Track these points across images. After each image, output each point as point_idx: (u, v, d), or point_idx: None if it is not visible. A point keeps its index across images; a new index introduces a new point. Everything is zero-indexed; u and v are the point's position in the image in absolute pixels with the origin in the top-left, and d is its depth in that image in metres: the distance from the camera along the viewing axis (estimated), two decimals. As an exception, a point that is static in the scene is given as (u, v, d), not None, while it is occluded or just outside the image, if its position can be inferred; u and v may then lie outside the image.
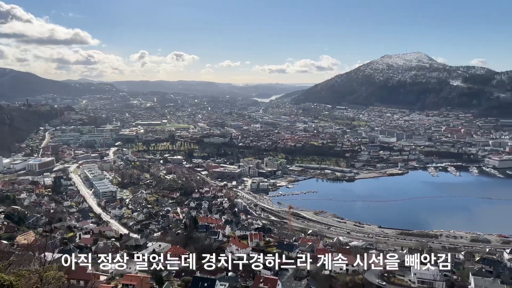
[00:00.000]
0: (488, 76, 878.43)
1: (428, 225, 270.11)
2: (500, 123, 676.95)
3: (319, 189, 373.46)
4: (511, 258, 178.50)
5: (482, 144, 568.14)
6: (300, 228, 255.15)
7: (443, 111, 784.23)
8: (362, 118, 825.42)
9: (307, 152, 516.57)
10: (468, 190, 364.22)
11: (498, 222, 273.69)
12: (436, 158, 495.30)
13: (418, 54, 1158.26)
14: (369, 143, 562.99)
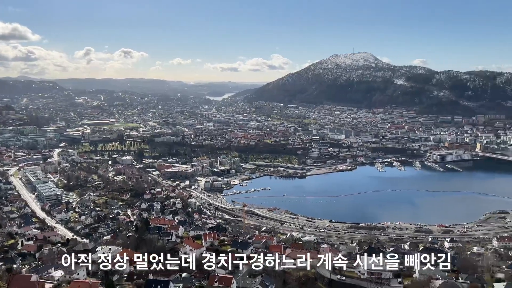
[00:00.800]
0: (428, 75, 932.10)
1: (376, 218, 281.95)
2: (440, 119, 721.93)
3: (273, 186, 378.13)
4: (451, 247, 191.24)
5: (424, 140, 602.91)
6: (254, 225, 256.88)
7: (388, 108, 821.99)
8: (312, 116, 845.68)
9: (260, 150, 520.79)
10: (412, 183, 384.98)
11: (439, 213, 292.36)
12: (382, 154, 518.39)
13: (365, 54, 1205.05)
14: (320, 140, 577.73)
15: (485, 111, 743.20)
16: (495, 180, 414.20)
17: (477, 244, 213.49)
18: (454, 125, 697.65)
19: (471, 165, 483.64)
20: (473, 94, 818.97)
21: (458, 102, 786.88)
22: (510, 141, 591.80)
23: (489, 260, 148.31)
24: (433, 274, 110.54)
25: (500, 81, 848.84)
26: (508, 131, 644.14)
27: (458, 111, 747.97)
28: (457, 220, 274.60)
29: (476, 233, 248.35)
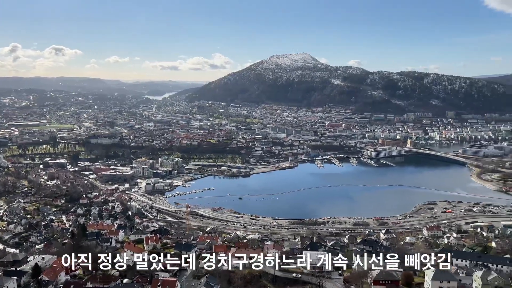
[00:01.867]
0: (363, 75, 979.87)
1: (316, 214, 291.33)
2: (374, 118, 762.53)
3: (216, 186, 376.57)
4: (386, 238, 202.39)
5: (360, 137, 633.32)
6: (198, 226, 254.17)
7: (326, 108, 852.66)
8: (255, 116, 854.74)
9: (203, 150, 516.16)
10: (349, 179, 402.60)
11: (374, 206, 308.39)
12: (322, 151, 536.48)
13: (304, 55, 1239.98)
14: (262, 139, 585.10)
15: (414, 109, 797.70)
16: (424, 174, 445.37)
17: (410, 234, 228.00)
18: (387, 122, 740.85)
19: (402, 160, 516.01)
20: (404, 94, 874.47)
21: (390, 101, 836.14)
22: (436, 137, 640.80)
23: (420, 248, 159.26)
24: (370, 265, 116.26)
25: (427, 81, 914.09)
26: (435, 128, 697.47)
27: (391, 110, 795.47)
28: (391, 212, 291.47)
29: (408, 224, 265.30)
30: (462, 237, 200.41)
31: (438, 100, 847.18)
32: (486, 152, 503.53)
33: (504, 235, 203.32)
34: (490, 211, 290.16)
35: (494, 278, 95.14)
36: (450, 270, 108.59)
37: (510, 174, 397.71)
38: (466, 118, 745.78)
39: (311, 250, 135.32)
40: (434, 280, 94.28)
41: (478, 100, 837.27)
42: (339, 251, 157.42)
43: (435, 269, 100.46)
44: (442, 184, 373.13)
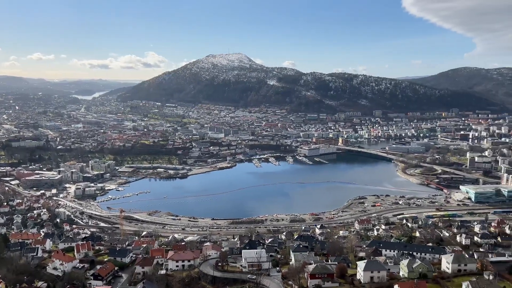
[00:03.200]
0: (296, 76, 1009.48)
1: (255, 212, 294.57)
2: (308, 117, 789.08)
3: (152, 189, 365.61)
4: (321, 232, 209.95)
5: (295, 136, 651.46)
6: (134, 231, 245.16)
7: (263, 108, 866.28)
8: (192, 116, 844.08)
9: (138, 152, 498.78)
10: (286, 177, 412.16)
11: (310, 202, 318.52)
12: (259, 151, 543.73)
13: (240, 55, 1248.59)
14: (200, 139, 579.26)
15: (345, 109, 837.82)
16: (355, 170, 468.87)
17: (343, 228, 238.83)
18: (320, 122, 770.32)
19: (335, 157, 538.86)
20: (335, 94, 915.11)
21: (323, 101, 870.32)
22: (365, 135, 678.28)
23: (352, 241, 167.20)
24: (307, 260, 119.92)
25: (356, 82, 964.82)
26: (364, 126, 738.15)
27: (323, 109, 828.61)
28: (325, 208, 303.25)
29: (341, 218, 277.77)
30: (390, 229, 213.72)
31: (366, 100, 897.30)
32: (409, 149, 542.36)
33: (426, 225, 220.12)
34: (414, 203, 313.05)
35: (418, 266, 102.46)
36: (379, 261, 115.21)
37: (431, 168, 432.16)
38: (392, 117, 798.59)
39: (250, 249, 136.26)
40: (365, 271, 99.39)
41: (402, 100, 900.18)
42: (277, 247, 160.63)
43: (366, 261, 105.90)
44: (371, 179, 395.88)
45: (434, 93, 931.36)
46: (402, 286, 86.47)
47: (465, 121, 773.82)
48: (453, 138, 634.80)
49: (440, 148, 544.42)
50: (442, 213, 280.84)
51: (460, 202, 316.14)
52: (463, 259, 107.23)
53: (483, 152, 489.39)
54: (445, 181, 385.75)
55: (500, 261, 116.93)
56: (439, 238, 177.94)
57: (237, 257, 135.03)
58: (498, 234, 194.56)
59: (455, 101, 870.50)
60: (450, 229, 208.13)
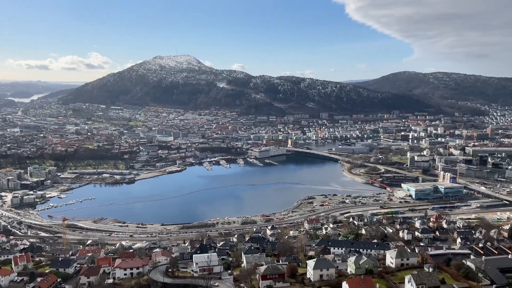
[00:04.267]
0: (246, 79, 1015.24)
1: (206, 216, 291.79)
2: (258, 119, 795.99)
3: (98, 195, 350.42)
4: (272, 233, 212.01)
5: (246, 139, 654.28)
6: (78, 240, 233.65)
7: (213, 110, 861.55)
8: (139, 118, 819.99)
9: (81, 157, 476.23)
10: (237, 179, 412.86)
11: (261, 204, 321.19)
12: (210, 153, 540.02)
13: (188, 57, 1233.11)
14: (148, 143, 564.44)
15: (293, 111, 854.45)
16: (303, 171, 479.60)
17: (293, 228, 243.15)
18: (270, 124, 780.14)
19: (284, 159, 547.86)
20: (284, 97, 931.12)
21: (272, 103, 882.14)
22: (313, 136, 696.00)
23: (302, 241, 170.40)
24: (258, 261, 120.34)
25: (303, 86, 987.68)
26: (311, 128, 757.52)
27: (272, 112, 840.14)
28: (276, 209, 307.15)
29: (292, 219, 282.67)
30: (337, 227, 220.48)
31: (313, 103, 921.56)
32: (354, 149, 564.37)
33: (372, 222, 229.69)
34: (360, 202, 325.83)
35: (365, 262, 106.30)
36: (328, 259, 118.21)
37: (374, 168, 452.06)
38: (338, 119, 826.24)
39: (201, 253, 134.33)
40: (315, 269, 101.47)
41: (347, 102, 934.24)
42: (228, 250, 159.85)
43: (315, 259, 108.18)
44: (319, 180, 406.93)
45: (376, 96, 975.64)
46: (350, 283, 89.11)
47: (405, 122, 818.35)
48: (395, 139, 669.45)
49: (383, 148, 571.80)
50: (386, 210, 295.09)
51: (402, 200, 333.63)
52: (405, 253, 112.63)
53: (422, 151, 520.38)
54: (388, 179, 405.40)
55: (438, 254, 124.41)
56: (384, 234, 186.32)
57: (188, 262, 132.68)
58: (436, 228, 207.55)
59: (396, 104, 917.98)
60: (393, 226, 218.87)
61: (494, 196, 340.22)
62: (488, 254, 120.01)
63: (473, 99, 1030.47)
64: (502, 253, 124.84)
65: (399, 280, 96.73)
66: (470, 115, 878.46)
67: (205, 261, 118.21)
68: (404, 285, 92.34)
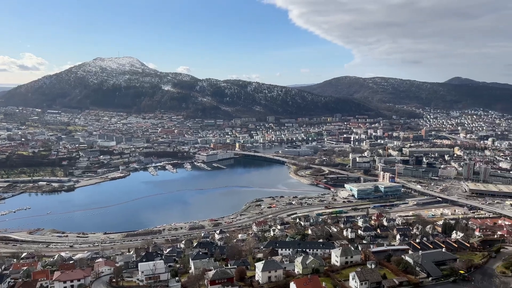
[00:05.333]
0: (192, 82, 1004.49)
1: (151, 223, 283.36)
2: (205, 123, 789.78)
3: (33, 205, 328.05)
4: (221, 237, 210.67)
5: (192, 142, 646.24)
6: (11, 253, 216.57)
7: (158, 114, 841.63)
8: (78, 123, 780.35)
9: (14, 164, 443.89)
10: (184, 184, 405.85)
11: (209, 208, 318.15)
12: (155, 158, 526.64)
13: (131, 59, 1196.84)
14: (88, 148, 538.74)
15: (240, 114, 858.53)
16: (251, 174, 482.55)
17: (241, 231, 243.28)
18: (217, 127, 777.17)
19: (232, 162, 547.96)
20: (231, 100, 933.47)
21: (219, 107, 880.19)
22: (260, 139, 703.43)
23: (251, 243, 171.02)
24: (207, 266, 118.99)
25: (250, 89, 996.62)
26: (259, 131, 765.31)
27: (220, 115, 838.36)
28: (224, 213, 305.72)
29: (240, 222, 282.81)
30: (285, 228, 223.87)
31: (260, 106, 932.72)
32: (300, 152, 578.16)
33: (317, 222, 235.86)
34: (306, 203, 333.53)
35: (311, 261, 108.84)
36: (276, 260, 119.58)
37: (319, 169, 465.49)
38: (284, 122, 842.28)
39: (147, 261, 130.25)
40: (263, 271, 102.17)
41: (292, 106, 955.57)
42: (175, 257, 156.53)
43: (264, 261, 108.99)
44: (267, 182, 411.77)
45: (320, 100, 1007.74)
46: (297, 283, 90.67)
47: (347, 125, 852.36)
48: (338, 141, 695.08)
49: (326, 150, 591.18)
50: (330, 210, 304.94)
51: (345, 199, 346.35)
52: (349, 252, 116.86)
53: (363, 153, 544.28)
54: (332, 180, 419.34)
55: (379, 250, 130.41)
56: (329, 234, 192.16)
57: (133, 271, 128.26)
58: (377, 226, 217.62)
59: (338, 107, 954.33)
60: (338, 225, 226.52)
61: (428, 194, 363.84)
62: (424, 249, 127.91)
63: (409, 103, 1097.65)
64: (436, 247, 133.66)
65: (344, 278, 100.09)
66: (406, 117, 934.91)
67: (151, 269, 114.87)
68: (349, 282, 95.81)
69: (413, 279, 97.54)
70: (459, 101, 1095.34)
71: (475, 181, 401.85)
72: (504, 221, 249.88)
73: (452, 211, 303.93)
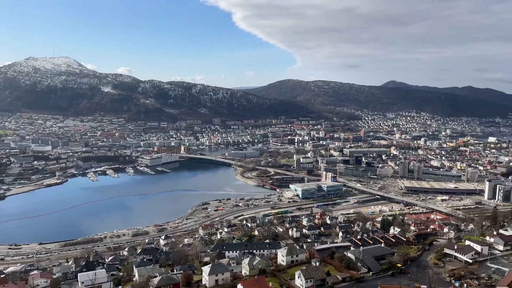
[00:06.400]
0: (134, 84, 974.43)
1: (92, 230, 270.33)
2: (148, 126, 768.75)
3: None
4: (166, 243, 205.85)
5: (135, 146, 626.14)
6: None
7: (97, 116, 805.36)
8: (9, 126, 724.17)
9: None
10: (126, 189, 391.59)
11: (153, 213, 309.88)
12: (95, 163, 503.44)
13: (67, 59, 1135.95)
14: (20, 153, 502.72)
15: (185, 117, 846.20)
16: (197, 177, 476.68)
17: (188, 235, 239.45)
18: (161, 130, 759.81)
19: (178, 165, 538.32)
20: (175, 102, 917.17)
21: (163, 109, 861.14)
22: (206, 142, 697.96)
23: (197, 247, 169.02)
24: (151, 273, 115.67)
25: (195, 91, 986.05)
26: (204, 134, 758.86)
27: (164, 117, 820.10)
28: (169, 217, 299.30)
29: (186, 226, 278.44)
30: (232, 231, 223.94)
31: (205, 108, 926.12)
32: (246, 154, 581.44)
33: (263, 223, 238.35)
34: (252, 204, 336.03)
35: (258, 262, 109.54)
36: (223, 263, 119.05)
37: (265, 170, 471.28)
38: (230, 125, 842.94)
39: (87, 271, 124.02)
40: (210, 275, 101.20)
41: (238, 108, 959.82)
42: (118, 265, 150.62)
43: (210, 265, 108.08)
44: (214, 185, 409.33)
45: (265, 102, 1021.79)
46: (244, 284, 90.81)
47: (291, 127, 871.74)
48: (282, 143, 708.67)
49: (272, 152, 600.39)
50: (276, 210, 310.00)
51: (291, 200, 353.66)
52: (295, 250, 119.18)
53: (306, 154, 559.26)
54: (277, 181, 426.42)
55: (323, 248, 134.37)
56: (275, 234, 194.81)
57: (72, 282, 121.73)
58: (321, 224, 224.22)
59: (283, 109, 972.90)
60: (283, 225, 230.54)
61: (368, 192, 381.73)
62: (365, 245, 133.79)
63: (348, 105, 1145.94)
64: (376, 243, 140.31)
65: (290, 277, 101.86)
66: (346, 119, 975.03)
67: (91, 279, 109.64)
68: (295, 281, 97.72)
69: (355, 274, 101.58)
70: (394, 104, 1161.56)
71: (409, 179, 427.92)
72: (436, 216, 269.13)
73: (390, 207, 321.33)
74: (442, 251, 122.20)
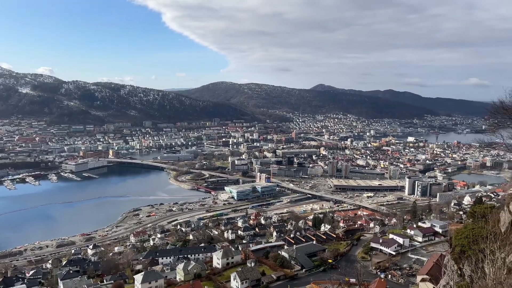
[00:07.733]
0: (56, 84, 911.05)
1: (10, 243, 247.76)
2: (73, 129, 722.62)
3: None
4: (94, 253, 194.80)
5: (58, 151, 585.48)
6: None
7: (14, 119, 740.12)
8: None
9: None
10: (49, 197, 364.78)
11: (79, 222, 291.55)
12: (12, 170, 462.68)
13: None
14: None
15: (113, 119, 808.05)
16: (127, 182, 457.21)
17: (118, 243, 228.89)
18: (87, 134, 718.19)
19: (106, 171, 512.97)
20: (102, 104, 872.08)
21: (89, 111, 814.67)
22: (136, 145, 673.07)
23: (128, 256, 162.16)
24: (79, 285, 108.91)
25: (124, 93, 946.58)
26: (134, 137, 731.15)
27: (90, 120, 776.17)
28: (97, 226, 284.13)
29: (116, 234, 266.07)
30: (165, 236, 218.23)
31: (135, 110, 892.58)
32: (180, 157, 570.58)
33: (198, 227, 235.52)
34: (186, 208, 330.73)
35: (193, 267, 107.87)
36: (156, 270, 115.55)
37: (200, 173, 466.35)
38: (162, 127, 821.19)
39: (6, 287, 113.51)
40: (142, 283, 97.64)
41: (170, 110, 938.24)
42: (41, 279, 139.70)
43: (143, 273, 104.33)
44: (145, 190, 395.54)
45: (198, 104, 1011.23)
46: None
47: (226, 129, 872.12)
48: (217, 145, 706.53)
49: (206, 154, 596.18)
50: (212, 213, 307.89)
51: (226, 202, 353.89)
52: (230, 253, 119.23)
53: (241, 155, 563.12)
54: (212, 184, 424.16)
55: (258, 248, 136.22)
56: (210, 237, 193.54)
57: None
58: (256, 225, 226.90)
59: (217, 112, 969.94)
60: (219, 228, 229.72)
61: (300, 191, 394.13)
62: (298, 243, 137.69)
63: (280, 108, 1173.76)
64: (308, 241, 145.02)
65: (225, 279, 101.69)
66: (279, 121, 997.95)
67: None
68: (230, 283, 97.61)
69: (289, 272, 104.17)
70: (323, 106, 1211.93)
71: (338, 178, 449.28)
72: (362, 212, 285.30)
73: (321, 206, 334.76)
74: (368, 245, 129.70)
